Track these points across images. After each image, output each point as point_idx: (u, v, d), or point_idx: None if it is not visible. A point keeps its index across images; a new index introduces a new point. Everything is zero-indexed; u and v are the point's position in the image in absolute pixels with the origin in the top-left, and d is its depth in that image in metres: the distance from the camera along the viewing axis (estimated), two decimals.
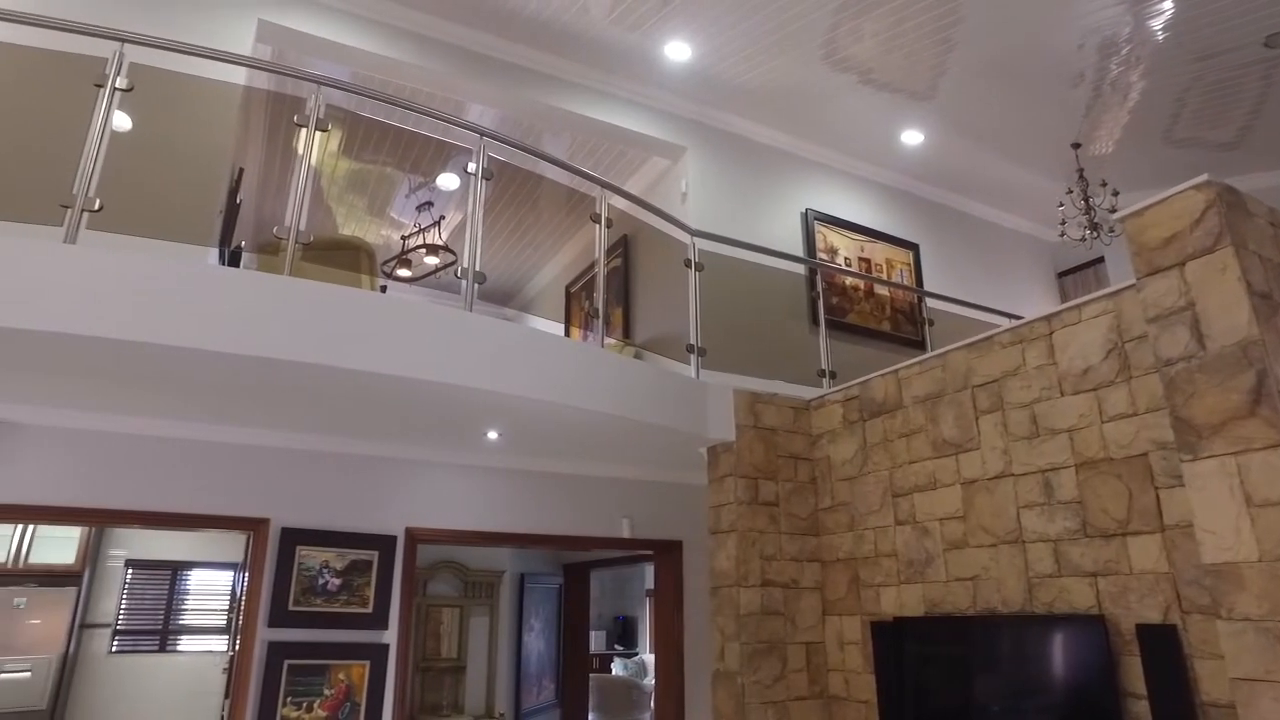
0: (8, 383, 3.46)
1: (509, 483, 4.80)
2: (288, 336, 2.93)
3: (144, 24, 4.42)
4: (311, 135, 3.41)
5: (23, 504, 3.87)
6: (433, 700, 6.12)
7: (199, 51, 3.49)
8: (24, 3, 4.24)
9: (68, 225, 2.88)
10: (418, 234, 6.42)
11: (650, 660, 10.53)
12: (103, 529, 6.71)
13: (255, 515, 4.12)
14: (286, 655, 3.97)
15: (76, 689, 6.50)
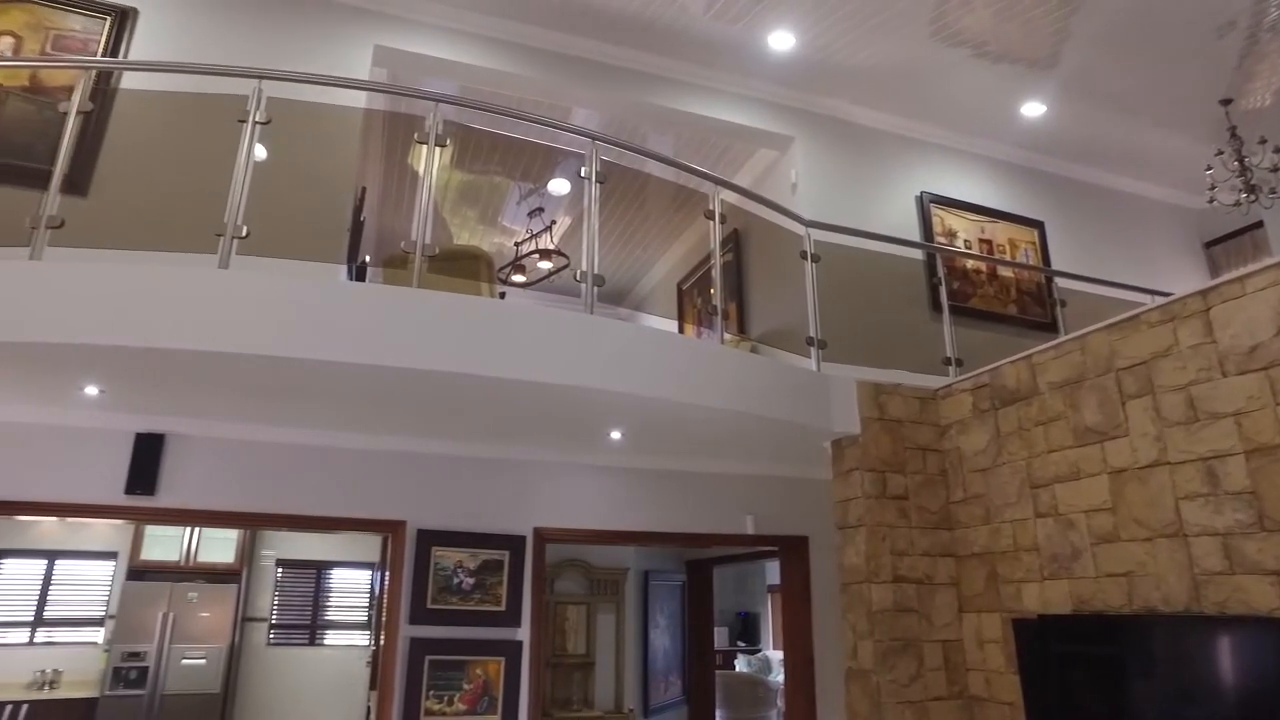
0: (176, 399, 3.77)
1: (633, 482, 4.85)
2: (420, 346, 3.05)
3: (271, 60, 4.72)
4: (432, 151, 3.54)
5: (190, 508, 4.21)
6: (563, 695, 6.27)
7: (329, 81, 3.71)
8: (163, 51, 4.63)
9: (221, 252, 3.10)
10: (530, 239, 6.58)
11: (774, 656, 10.43)
12: (256, 531, 7.21)
13: (393, 518, 4.32)
14: (427, 651, 4.15)
15: (242, 677, 7.04)
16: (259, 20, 4.98)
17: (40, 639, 6.82)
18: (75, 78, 3.70)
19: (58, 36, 4.64)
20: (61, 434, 4.09)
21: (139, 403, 3.87)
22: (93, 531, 7.08)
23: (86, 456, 4.08)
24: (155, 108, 4.24)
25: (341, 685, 7.32)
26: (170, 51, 4.61)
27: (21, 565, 6.94)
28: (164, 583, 6.69)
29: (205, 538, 6.92)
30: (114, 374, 3.38)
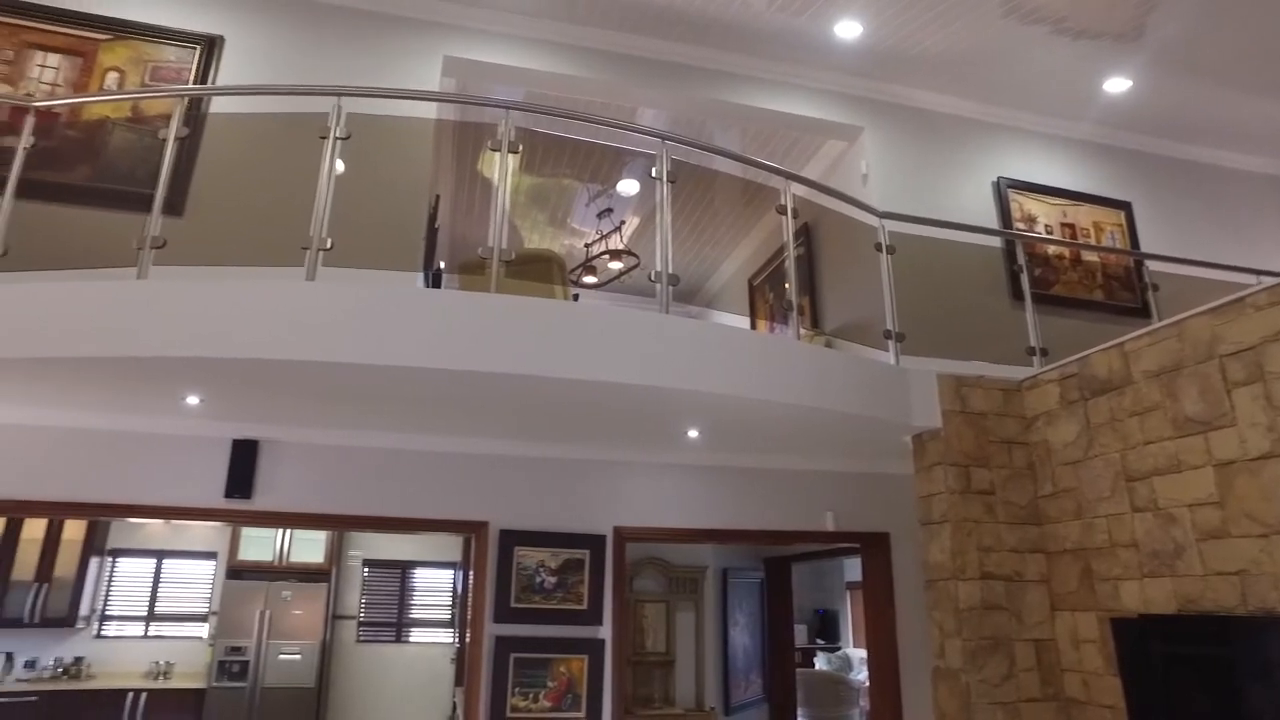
0: (269, 407, 3.94)
1: (711, 480, 4.85)
2: (498, 350, 3.12)
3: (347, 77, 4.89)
4: (505, 158, 3.60)
5: (283, 511, 4.40)
6: (644, 693, 6.31)
7: (404, 94, 3.81)
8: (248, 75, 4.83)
9: (308, 264, 3.23)
10: (600, 240, 6.63)
11: (854, 654, 10.27)
12: (343, 532, 7.48)
13: (476, 519, 4.43)
14: (512, 649, 4.24)
15: (334, 672, 7.32)
16: (334, 40, 5.15)
17: (153, 633, 7.25)
18: (171, 105, 3.90)
19: (155, 68, 4.90)
20: (166, 442, 4.33)
21: (235, 411, 4.06)
22: (194, 533, 7.46)
23: (189, 462, 4.30)
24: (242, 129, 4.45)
25: (427, 681, 7.54)
26: (254, 75, 4.81)
27: (134, 564, 7.39)
28: (260, 582, 7.01)
29: (296, 539, 7.22)
30: (212, 384, 3.56)
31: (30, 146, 3.65)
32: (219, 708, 6.61)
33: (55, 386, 3.69)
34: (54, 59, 4.81)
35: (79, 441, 4.27)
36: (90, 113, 4.59)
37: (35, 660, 6.79)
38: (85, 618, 7.01)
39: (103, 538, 7.26)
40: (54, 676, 6.74)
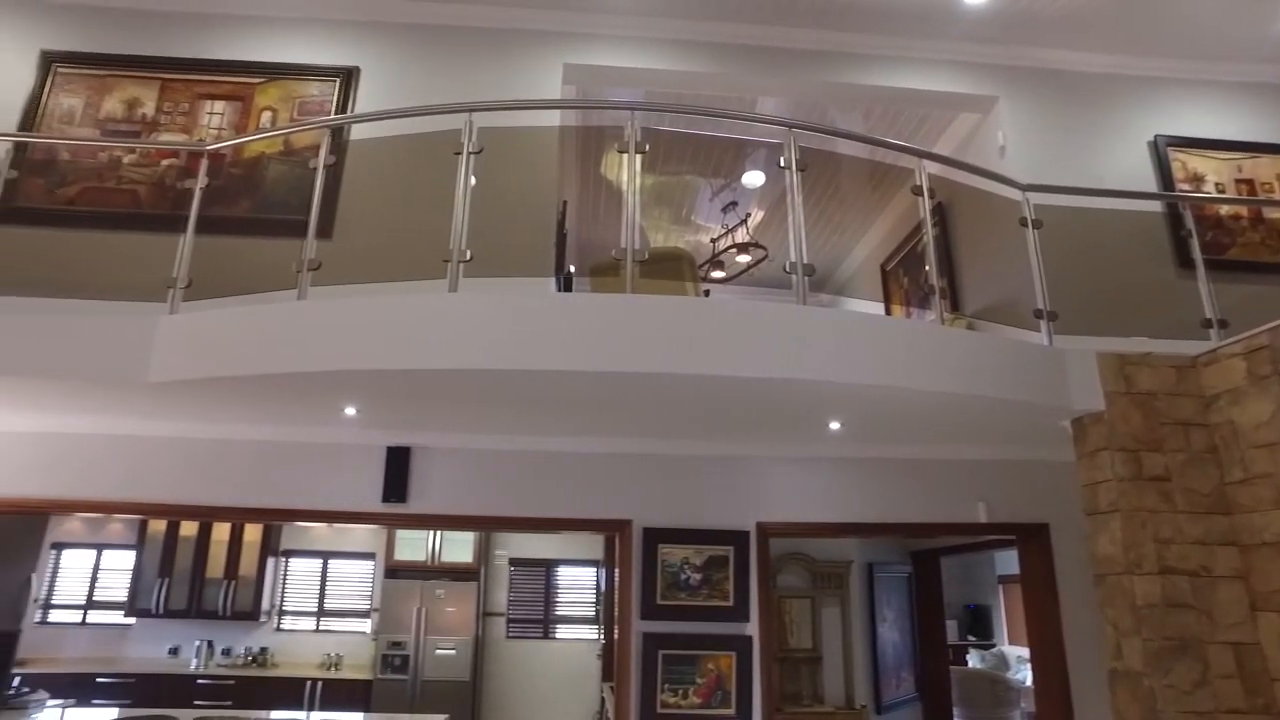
0: (419, 415, 4.14)
1: (854, 472, 4.71)
2: (636, 350, 3.13)
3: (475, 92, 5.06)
4: (633, 158, 3.63)
5: (435, 514, 4.62)
6: (791, 690, 6.22)
7: (532, 105, 3.90)
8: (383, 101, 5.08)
9: (450, 276, 3.36)
10: (726, 235, 6.59)
11: (1011, 652, 9.74)
12: (490, 533, 7.79)
13: (619, 517, 4.49)
14: (660, 646, 4.27)
15: (486, 666, 7.64)
16: (459, 60, 5.36)
17: (323, 627, 7.81)
18: (318, 136, 4.17)
19: (301, 103, 5.27)
20: (327, 450, 4.64)
21: (388, 420, 4.29)
22: (355, 535, 7.98)
23: (348, 469, 4.60)
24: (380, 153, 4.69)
25: (575, 676, 7.73)
26: (388, 100, 5.07)
27: (304, 564, 7.98)
28: (414, 580, 7.42)
29: (446, 539, 7.58)
30: (367, 395, 3.78)
31: (204, 186, 3.99)
32: (384, 698, 7.03)
33: (233, 403, 4.02)
34: (219, 105, 5.25)
35: (254, 452, 4.65)
36: (250, 150, 4.97)
37: (230, 648, 7.53)
38: (266, 612, 7.67)
39: (277, 540, 7.89)
40: (245, 664, 7.43)
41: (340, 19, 5.52)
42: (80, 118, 5.24)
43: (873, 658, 6.55)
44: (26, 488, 4.61)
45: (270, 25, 5.50)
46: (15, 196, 4.48)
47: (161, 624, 7.61)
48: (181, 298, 3.77)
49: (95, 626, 7.79)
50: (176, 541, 7.63)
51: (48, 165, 5.00)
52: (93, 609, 7.87)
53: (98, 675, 7.08)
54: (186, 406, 4.15)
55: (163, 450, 4.68)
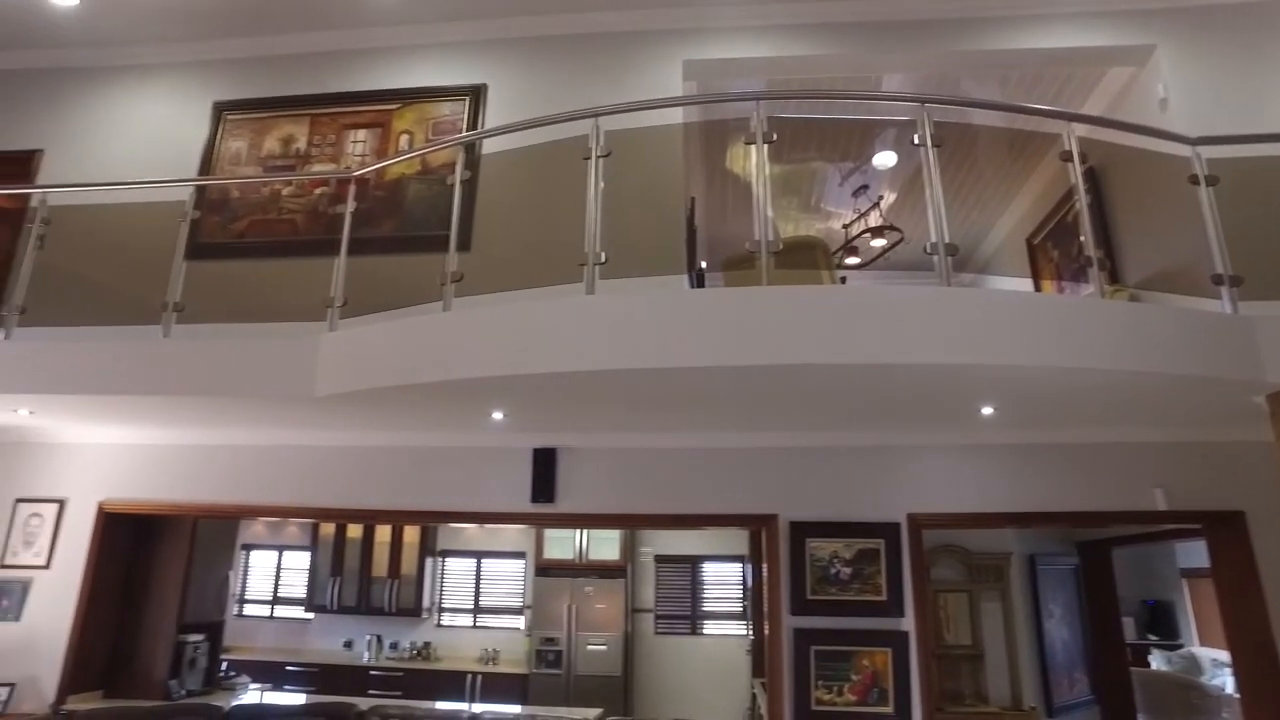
0: (563, 416, 4.25)
1: (1010, 459, 4.46)
2: (774, 342, 3.09)
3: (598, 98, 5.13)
4: (761, 149, 3.58)
5: (582, 513, 4.74)
6: (952, 688, 5.94)
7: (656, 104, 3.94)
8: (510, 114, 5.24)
9: (586, 279, 3.43)
10: (858, 219, 6.39)
11: (1203, 654, 8.89)
12: (635, 531, 7.91)
13: (764, 512, 4.46)
14: (812, 641, 4.19)
15: (637, 661, 7.76)
16: (581, 67, 5.48)
17: (480, 623, 8.19)
18: (453, 154, 4.36)
19: (435, 123, 5.54)
20: (478, 454, 4.85)
21: (534, 422, 4.43)
22: (506, 535, 8.31)
23: (498, 471, 4.79)
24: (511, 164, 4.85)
25: (724, 672, 7.72)
26: (516, 113, 5.23)
27: (459, 564, 8.40)
28: (564, 578, 7.63)
29: (593, 538, 7.76)
30: (512, 400, 3.91)
31: (354, 210, 4.27)
32: (540, 691, 7.28)
33: (389, 413, 4.28)
34: (362, 133, 5.61)
35: (410, 458, 4.94)
36: (391, 173, 5.27)
37: (397, 642, 8.04)
38: (427, 609, 8.12)
39: (433, 541, 8.34)
40: (411, 657, 7.91)
41: (466, 40, 5.76)
42: (245, 158, 5.74)
43: (1040, 656, 6.15)
44: (220, 494, 5.10)
45: (403, 54, 5.82)
46: (197, 234, 4.93)
47: (336, 619, 8.22)
48: (339, 316, 4.06)
49: (281, 620, 8.54)
50: (344, 543, 8.23)
51: (222, 204, 5.51)
52: (278, 604, 8.62)
53: (286, 664, 7.75)
54: (348, 417, 4.45)
55: (329, 458, 5.05)
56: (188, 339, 4.17)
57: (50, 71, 6.28)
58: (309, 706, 4.66)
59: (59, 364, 4.15)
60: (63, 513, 5.22)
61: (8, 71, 6.34)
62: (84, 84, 6.22)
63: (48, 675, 4.87)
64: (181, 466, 5.19)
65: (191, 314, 4.31)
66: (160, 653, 5.37)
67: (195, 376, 4.03)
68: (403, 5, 5.60)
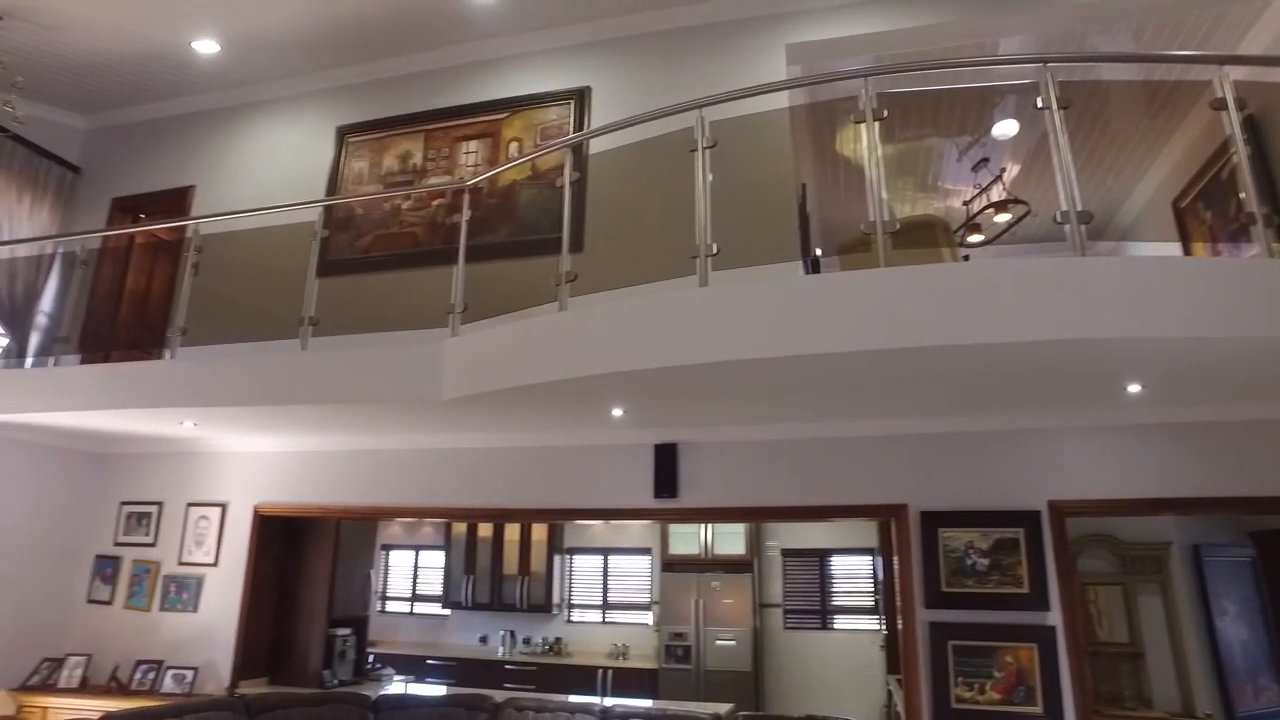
0: (684, 411, 4.25)
1: (1164, 440, 4.11)
2: (897, 325, 2.96)
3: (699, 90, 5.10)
4: (871, 127, 3.46)
5: (705, 507, 4.72)
6: (1109, 689, 5.51)
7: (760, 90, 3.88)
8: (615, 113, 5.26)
9: (699, 271, 3.41)
10: (980, 195, 6.07)
11: None
12: (760, 524, 7.82)
13: (893, 501, 4.30)
14: (949, 636, 4.02)
15: (766, 657, 7.67)
16: (683, 60, 5.47)
17: (609, 619, 8.32)
18: (561, 157, 4.44)
19: (543, 129, 5.67)
20: (600, 451, 4.92)
21: (654, 418, 4.45)
22: (631, 531, 8.40)
23: (620, 468, 4.84)
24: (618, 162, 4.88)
25: (857, 667, 7.51)
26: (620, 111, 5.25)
27: (586, 560, 8.57)
28: (690, 574, 7.64)
29: (718, 532, 7.73)
30: (631, 396, 3.94)
31: (469, 219, 4.41)
32: (670, 686, 7.31)
33: (512, 413, 4.40)
34: (473, 144, 5.81)
35: (534, 457, 5.06)
36: (503, 180, 5.42)
37: (529, 638, 8.29)
38: (557, 605, 8.31)
39: (560, 538, 8.53)
40: (543, 652, 8.12)
41: (567, 45, 5.86)
42: (367, 177, 6.05)
43: (1214, 658, 5.60)
44: (359, 497, 5.40)
45: (508, 64, 5.98)
46: (327, 252, 5.22)
47: (471, 615, 8.55)
48: (460, 321, 4.20)
49: (420, 616, 8.96)
50: (476, 542, 8.54)
51: (347, 222, 5.83)
52: (417, 601, 9.06)
53: (426, 658, 8.13)
54: (474, 419, 4.61)
55: (458, 460, 5.25)
56: (323, 351, 4.44)
57: (197, 114, 6.84)
58: (449, 697, 4.86)
59: (214, 379, 4.51)
60: (225, 515, 5.67)
61: (164, 119, 6.96)
62: (225, 122, 6.74)
63: (222, 661, 5.31)
64: (324, 471, 5.53)
65: (325, 327, 4.58)
66: (314, 644, 5.75)
67: (331, 386, 4.29)
68: (505, 16, 5.75)
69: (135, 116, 7.04)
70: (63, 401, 4.83)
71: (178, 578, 5.63)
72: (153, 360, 4.82)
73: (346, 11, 5.70)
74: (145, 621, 5.60)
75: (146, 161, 6.87)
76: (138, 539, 5.84)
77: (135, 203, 6.76)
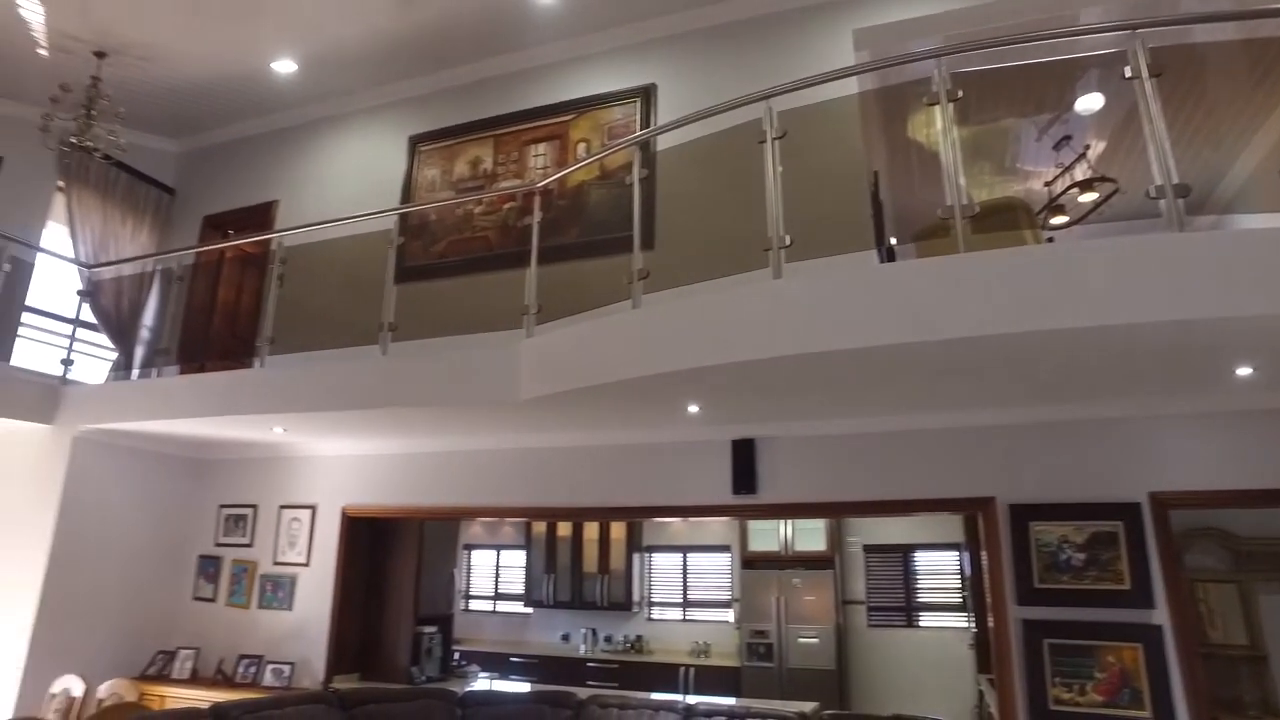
0: (761, 406, 4.19)
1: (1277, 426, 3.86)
2: (980, 311, 2.86)
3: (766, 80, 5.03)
4: (945, 108, 3.35)
5: (785, 502, 4.66)
6: (1227, 695, 5.15)
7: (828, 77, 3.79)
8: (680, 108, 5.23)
9: (773, 264, 3.36)
10: (1062, 174, 5.81)
11: None
12: (841, 520, 7.68)
13: (979, 495, 4.15)
14: (1045, 634, 3.85)
15: (851, 655, 7.52)
16: (748, 52, 5.41)
17: (689, 617, 8.30)
18: (629, 156, 4.44)
19: (609, 128, 5.69)
20: (677, 449, 4.91)
21: (730, 414, 4.41)
22: (709, 528, 8.36)
23: (697, 465, 4.82)
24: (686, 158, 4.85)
25: (946, 666, 7.29)
26: (686, 106, 5.23)
27: (665, 559, 8.57)
28: (770, 570, 7.55)
29: (798, 528, 7.62)
30: (706, 392, 3.91)
31: (540, 220, 4.46)
32: (753, 684, 7.24)
33: (589, 412, 4.42)
34: (541, 147, 5.88)
35: (611, 455, 5.08)
36: (571, 181, 5.46)
37: (610, 635, 8.34)
38: (637, 603, 8.34)
39: (638, 537, 8.55)
40: (624, 650, 8.16)
41: (631, 44, 5.87)
42: (439, 184, 6.19)
43: None
44: (440, 498, 5.52)
45: (573, 65, 6.02)
46: (403, 259, 5.36)
47: (552, 613, 8.65)
48: (535, 322, 4.25)
49: (503, 614, 9.12)
50: (555, 541, 8.63)
51: (421, 229, 5.97)
52: (499, 600, 9.22)
53: (510, 655, 8.26)
54: (552, 419, 4.65)
55: (536, 460, 5.31)
56: (403, 356, 4.55)
57: (277, 132, 7.12)
58: (534, 694, 4.92)
59: (300, 386, 4.68)
60: (315, 517, 5.88)
61: (247, 138, 7.28)
62: (303, 137, 6.99)
63: (316, 657, 5.52)
64: (407, 473, 5.68)
65: (404, 332, 4.70)
66: (401, 642, 5.91)
67: (411, 389, 4.40)
68: (568, 18, 5.79)
69: (221, 137, 7.38)
70: (164, 410, 5.11)
71: (273, 577, 5.88)
72: (244, 369, 5.02)
73: (414, 24, 5.83)
74: (245, 618, 5.86)
75: (233, 179, 7.19)
76: (236, 540, 6.11)
77: (224, 219, 7.10)
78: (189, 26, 5.71)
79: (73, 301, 6.01)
